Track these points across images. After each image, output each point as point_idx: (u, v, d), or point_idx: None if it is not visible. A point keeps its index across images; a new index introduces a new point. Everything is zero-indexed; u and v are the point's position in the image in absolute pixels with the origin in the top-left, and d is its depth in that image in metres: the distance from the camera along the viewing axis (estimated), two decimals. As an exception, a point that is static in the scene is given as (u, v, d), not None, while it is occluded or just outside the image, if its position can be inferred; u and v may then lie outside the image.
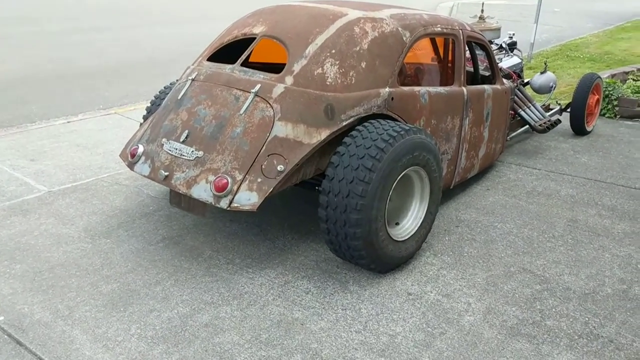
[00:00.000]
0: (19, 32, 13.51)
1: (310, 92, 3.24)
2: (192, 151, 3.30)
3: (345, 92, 3.29)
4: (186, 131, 3.40)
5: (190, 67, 3.81)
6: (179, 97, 3.64)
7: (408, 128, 3.25)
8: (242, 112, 3.28)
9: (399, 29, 3.63)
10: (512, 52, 6.25)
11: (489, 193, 4.62)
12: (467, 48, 4.33)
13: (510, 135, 5.61)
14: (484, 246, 3.76)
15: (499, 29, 5.71)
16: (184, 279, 3.35)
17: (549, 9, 20.29)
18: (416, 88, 3.68)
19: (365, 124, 3.31)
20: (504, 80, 5.04)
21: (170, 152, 3.39)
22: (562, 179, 4.94)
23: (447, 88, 3.96)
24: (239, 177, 3.12)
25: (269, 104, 3.24)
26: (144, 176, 3.45)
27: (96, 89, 8.37)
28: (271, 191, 3.08)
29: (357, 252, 3.16)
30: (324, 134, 3.21)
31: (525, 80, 6.09)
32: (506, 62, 5.76)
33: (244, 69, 3.49)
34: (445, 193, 4.47)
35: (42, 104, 7.38)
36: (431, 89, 3.80)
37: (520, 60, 5.94)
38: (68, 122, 6.54)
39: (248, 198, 3.07)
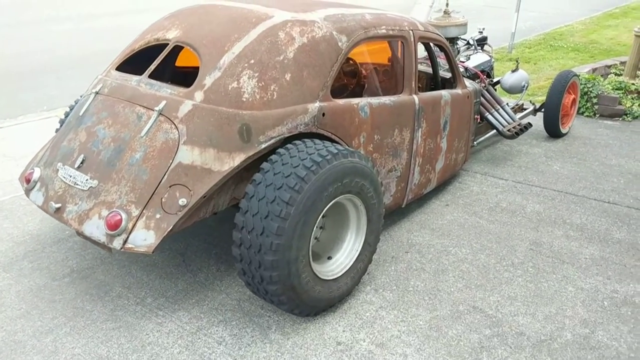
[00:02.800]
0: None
1: (222, 110, 2.77)
2: (87, 180, 2.84)
3: (264, 109, 2.83)
4: (82, 155, 2.93)
5: (98, 77, 3.32)
6: (81, 114, 3.17)
7: (336, 151, 2.79)
8: (143, 134, 2.81)
9: (334, 33, 3.15)
10: (482, 48, 5.78)
11: (447, 210, 4.18)
12: (423, 49, 3.86)
13: (477, 140, 5.17)
14: (433, 278, 3.32)
15: (465, 25, 5.23)
16: (82, 326, 2.90)
17: (536, -7, 19.78)
18: (354, 100, 3.22)
19: (289, 145, 2.85)
20: (467, 83, 4.59)
21: (64, 180, 2.93)
22: (529, 191, 4.51)
23: (393, 98, 3.50)
24: (135, 212, 2.66)
25: (174, 124, 2.78)
26: (38, 206, 2.99)
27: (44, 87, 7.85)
28: (170, 230, 2.62)
29: (276, 297, 2.73)
30: (237, 160, 2.75)
31: (496, 80, 5.62)
32: (473, 61, 5.29)
33: (152, 81, 3.02)
34: (398, 212, 4.03)
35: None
36: (374, 100, 3.34)
37: (489, 58, 5.47)
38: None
39: (144, 238, 2.62)
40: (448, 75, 4.44)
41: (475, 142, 5.14)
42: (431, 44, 4.12)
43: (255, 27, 3.02)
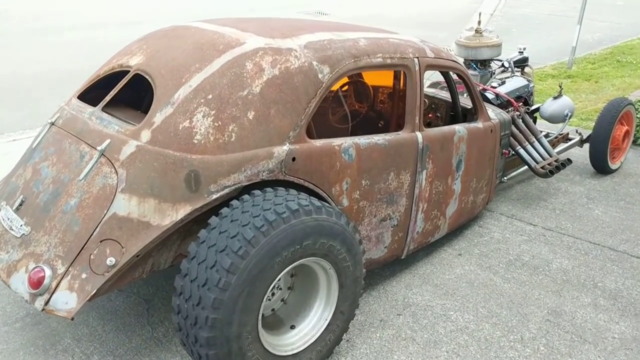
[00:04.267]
0: None
1: (168, 153, 2.39)
2: (21, 225, 2.53)
3: (218, 153, 2.43)
4: (22, 196, 2.64)
5: (60, 106, 3.02)
6: (34, 146, 2.88)
7: (296, 207, 2.36)
8: (81, 177, 2.48)
9: (314, 63, 2.71)
10: (522, 70, 5.17)
11: (458, 261, 3.65)
12: (441, 78, 3.36)
13: (508, 176, 4.58)
14: (422, 352, 2.83)
15: (499, 46, 4.66)
16: (13, 386, 2.60)
17: (609, 1, 18.50)
18: (335, 141, 2.77)
19: (245, 197, 2.45)
20: (493, 113, 4.03)
21: (2, 222, 2.63)
22: (560, 241, 3.90)
23: (388, 136, 3.02)
24: (61, 269, 2.33)
25: (114, 168, 2.43)
26: None
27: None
28: (94, 294, 2.27)
29: (220, 377, 2.32)
30: (182, 212, 2.36)
31: (536, 107, 5.00)
32: (507, 86, 4.70)
33: (103, 115, 2.69)
34: (400, 262, 3.53)
35: None
36: (362, 139, 2.88)
37: (527, 82, 4.86)
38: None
39: (65, 301, 2.28)
40: (470, 105, 3.91)
41: (504, 178, 4.56)
42: (449, 73, 3.61)
43: (220, 56, 2.63)
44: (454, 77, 3.72)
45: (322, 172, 2.70)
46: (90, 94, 2.97)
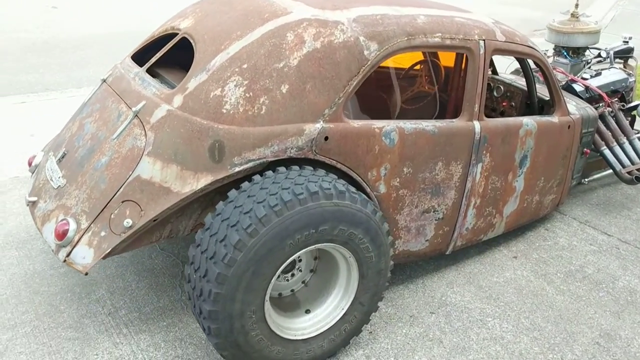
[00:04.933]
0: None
1: (196, 121, 2.36)
2: (60, 177, 2.62)
3: (246, 125, 2.36)
4: (64, 149, 2.73)
5: (115, 65, 3.08)
6: (85, 101, 2.96)
7: (315, 189, 2.24)
8: (114, 136, 2.51)
9: (360, 39, 2.55)
10: (626, 62, 4.63)
11: (511, 264, 3.38)
12: (517, 63, 3.06)
13: (591, 178, 4.18)
14: (446, 356, 2.65)
15: (596, 33, 4.17)
16: (44, 328, 2.74)
17: None
18: (377, 123, 2.60)
19: (268, 173, 2.37)
20: (574, 107, 3.65)
21: (46, 172, 2.75)
22: (635, 257, 3.50)
23: (439, 122, 2.81)
24: (85, 224, 2.38)
25: (145, 130, 2.43)
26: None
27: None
28: (108, 253, 2.30)
29: (220, 352, 2.30)
30: (202, 182, 2.32)
31: (634, 104, 4.47)
32: (602, 78, 4.23)
33: (146, 76, 2.70)
34: (447, 257, 3.33)
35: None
36: (407, 124, 2.69)
37: (627, 76, 4.34)
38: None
39: (83, 255, 2.33)
40: (548, 97, 3.55)
41: (585, 180, 4.16)
42: (526, 60, 3.30)
43: (263, 25, 2.54)
44: (533, 65, 3.39)
45: (357, 154, 2.56)
46: (144, 55, 2.99)
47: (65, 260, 2.36)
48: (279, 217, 2.17)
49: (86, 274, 2.32)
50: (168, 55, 2.78)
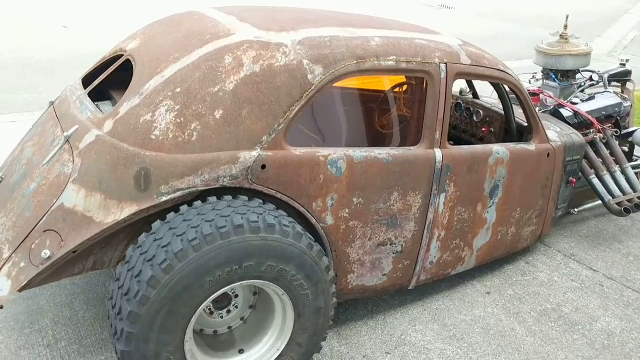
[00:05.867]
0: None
1: (122, 147, 2.24)
2: (-7, 202, 2.53)
3: (175, 152, 2.23)
4: (2, 174, 2.64)
5: (66, 87, 3.00)
6: (34, 124, 2.88)
7: (240, 223, 2.10)
8: (45, 161, 2.41)
9: (305, 62, 2.41)
10: (623, 86, 4.41)
11: (482, 301, 3.16)
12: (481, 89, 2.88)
13: (581, 208, 3.94)
14: (395, 403, 2.45)
15: (587, 55, 3.96)
16: (-24, 360, 2.63)
17: None
18: (322, 151, 2.45)
19: (197, 203, 2.24)
20: (556, 134, 3.44)
21: None
22: (618, 296, 3.25)
23: (394, 150, 2.64)
24: (7, 254, 2.27)
25: (73, 156, 2.33)
26: None
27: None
28: (24, 285, 2.18)
29: (138, 395, 2.15)
30: (126, 212, 2.20)
31: (630, 130, 4.23)
32: (592, 103, 4.01)
33: (86, 100, 2.60)
34: (415, 291, 3.13)
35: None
36: (357, 152, 2.53)
37: (621, 100, 4.11)
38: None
39: (1, 287, 2.22)
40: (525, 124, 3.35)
41: (575, 210, 3.93)
42: (502, 85, 3.12)
43: (202, 47, 2.43)
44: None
45: (299, 184, 2.41)
46: (94, 78, 2.91)
47: (-15, 292, 2.25)
48: (197, 252, 2.03)
49: (1, 307, 2.20)
50: (125, 78, 2.69)
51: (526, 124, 3.33)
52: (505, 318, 3.02)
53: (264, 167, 2.32)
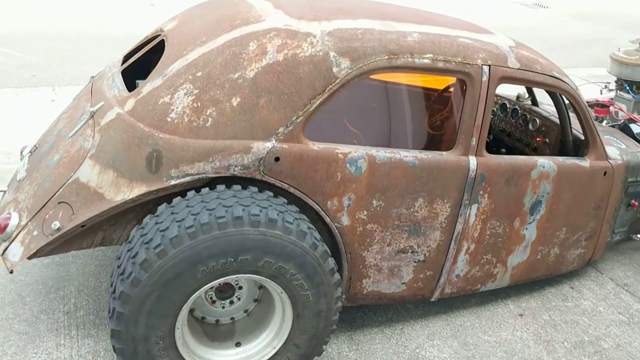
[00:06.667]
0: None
1: (138, 127, 2.24)
2: (24, 170, 2.62)
3: (188, 136, 2.21)
4: (37, 143, 2.73)
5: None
6: (74, 97, 2.97)
7: (239, 214, 2.04)
8: (70, 134, 2.46)
9: (330, 54, 2.31)
10: None
11: (513, 323, 2.95)
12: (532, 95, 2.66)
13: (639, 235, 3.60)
14: (393, 420, 2.33)
15: (667, 66, 3.58)
16: (0, 319, 2.75)
17: None
18: (342, 148, 2.35)
19: (204, 190, 2.21)
20: (616, 153, 3.13)
21: (20, 165, 2.77)
22: (671, 336, 2.93)
23: (423, 154, 2.49)
24: (24, 221, 2.34)
25: (94, 132, 2.36)
26: None
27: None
28: (33, 253, 2.24)
29: (128, 374, 2.17)
30: (135, 192, 2.20)
31: None
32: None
33: (117, 77, 2.63)
34: (439, 304, 2.97)
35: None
36: (381, 152, 2.40)
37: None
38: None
39: (14, 253, 2.29)
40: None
41: (637, 237, 3.58)
42: (559, 94, 2.88)
43: (230, 31, 2.38)
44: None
45: (314, 180, 2.32)
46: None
47: (2, 255, 2.33)
48: (192, 240, 1.99)
49: (11, 271, 2.27)
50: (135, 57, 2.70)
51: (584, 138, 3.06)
52: (534, 345, 2.80)
53: (277, 159, 2.25)
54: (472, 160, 2.57)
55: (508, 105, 3.60)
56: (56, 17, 8.97)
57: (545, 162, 2.78)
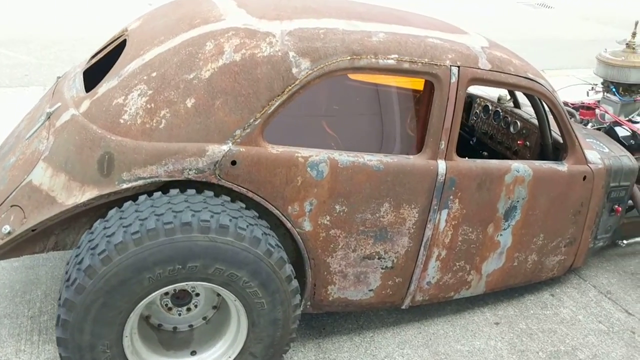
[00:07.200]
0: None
1: (91, 128, 2.19)
2: (-17, 172, 2.57)
3: (140, 139, 2.15)
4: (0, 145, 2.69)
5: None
6: (40, 98, 2.92)
7: (188, 220, 1.98)
8: (27, 136, 2.41)
9: (290, 54, 2.24)
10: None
11: (488, 331, 2.87)
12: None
13: (630, 241, 3.49)
14: None
15: (655, 67, 3.48)
16: (-39, 322, 2.71)
17: None
18: (302, 151, 2.28)
19: (156, 194, 2.15)
20: (596, 157, 3.03)
21: None
22: (651, 347, 2.83)
23: (389, 158, 2.41)
24: (-23, 224, 2.29)
25: (49, 134, 2.31)
26: None
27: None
28: (-17, 258, 2.19)
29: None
30: (87, 195, 2.14)
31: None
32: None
33: (78, 78, 2.58)
34: (413, 311, 2.89)
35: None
36: (343, 155, 2.33)
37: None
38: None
39: (-35, 257, 2.24)
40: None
41: (623, 242, 3.48)
42: (536, 97, 2.80)
43: (188, 31, 2.33)
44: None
45: (274, 184, 2.25)
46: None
47: (-46, 259, 2.29)
48: (137, 247, 1.93)
49: (-39, 277, 2.22)
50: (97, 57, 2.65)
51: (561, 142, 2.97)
52: (507, 354, 2.71)
53: (234, 162, 2.18)
54: (442, 164, 2.49)
55: (490, 108, 3.51)
56: (54, 18, 8.97)
57: (520, 167, 2.69)
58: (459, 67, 2.47)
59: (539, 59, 5.20)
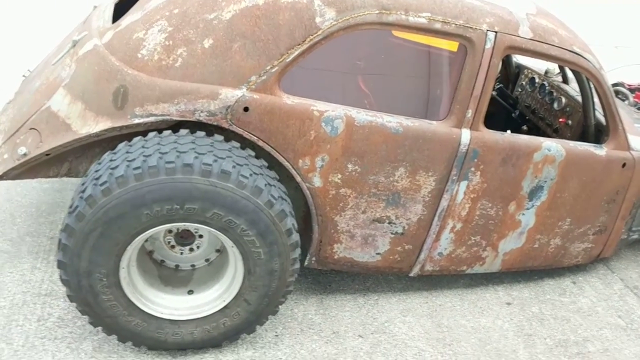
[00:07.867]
0: None
1: (110, 60, 2.19)
2: (15, 93, 2.65)
3: (155, 75, 2.13)
4: (32, 68, 2.74)
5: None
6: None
7: (190, 162, 1.97)
8: (54, 62, 2.45)
9: (316, 3, 2.15)
10: None
11: (497, 310, 2.78)
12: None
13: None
14: (338, 390, 2.26)
15: None
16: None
17: None
18: (319, 105, 2.21)
19: (165, 132, 2.15)
20: (638, 143, 2.82)
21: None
22: (669, 350, 2.68)
23: (410, 121, 2.32)
24: (0, 142, 2.37)
25: (72, 61, 2.33)
26: None
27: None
28: (0, 176, 2.26)
29: (76, 306, 2.18)
30: (100, 126, 2.16)
31: None
32: None
33: (109, 8, 2.58)
34: (423, 280, 2.84)
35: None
36: (362, 114, 2.25)
37: None
38: None
39: (-16, 174, 2.32)
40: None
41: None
42: (583, 75, 2.61)
43: (216, -30, 2.26)
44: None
45: (285, 136, 2.21)
46: None
47: (-25, 176, 2.38)
48: (137, 182, 1.94)
49: (-20, 191, 2.31)
50: None
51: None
52: (513, 336, 2.63)
53: (246, 109, 2.14)
54: (465, 134, 2.38)
55: (537, 80, 3.31)
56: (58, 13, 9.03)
57: (553, 145, 2.53)
58: (496, 32, 2.31)
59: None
